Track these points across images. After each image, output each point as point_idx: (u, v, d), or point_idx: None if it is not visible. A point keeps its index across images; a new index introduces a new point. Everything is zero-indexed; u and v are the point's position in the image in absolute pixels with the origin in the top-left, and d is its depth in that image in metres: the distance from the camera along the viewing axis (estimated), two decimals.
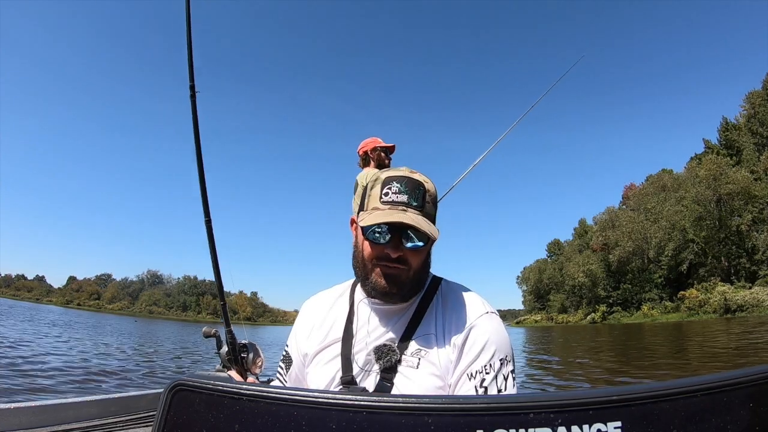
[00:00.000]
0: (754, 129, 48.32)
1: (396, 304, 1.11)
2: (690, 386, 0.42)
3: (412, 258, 1.07)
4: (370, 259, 1.09)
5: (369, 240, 1.08)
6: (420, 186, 1.09)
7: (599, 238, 59.44)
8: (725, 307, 38.30)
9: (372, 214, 1.06)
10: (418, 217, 1.05)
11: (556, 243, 79.41)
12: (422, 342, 1.06)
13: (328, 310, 1.22)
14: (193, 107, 1.48)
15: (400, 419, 0.45)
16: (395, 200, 1.06)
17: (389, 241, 1.05)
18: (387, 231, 1.05)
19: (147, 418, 1.89)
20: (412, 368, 1.03)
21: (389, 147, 3.58)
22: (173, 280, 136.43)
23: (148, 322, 62.48)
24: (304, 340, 1.21)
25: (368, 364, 1.07)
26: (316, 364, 1.15)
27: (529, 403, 0.43)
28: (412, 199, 1.06)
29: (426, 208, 1.08)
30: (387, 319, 1.12)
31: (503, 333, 1.06)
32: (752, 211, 43.89)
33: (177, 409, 0.49)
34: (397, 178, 1.09)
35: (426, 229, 1.03)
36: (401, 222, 1.02)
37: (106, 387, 6.94)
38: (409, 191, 1.07)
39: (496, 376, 0.99)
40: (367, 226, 1.06)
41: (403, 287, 1.07)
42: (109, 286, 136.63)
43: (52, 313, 48.02)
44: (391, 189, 1.07)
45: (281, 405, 0.47)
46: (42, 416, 1.69)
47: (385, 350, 1.05)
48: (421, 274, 1.10)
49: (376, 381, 1.04)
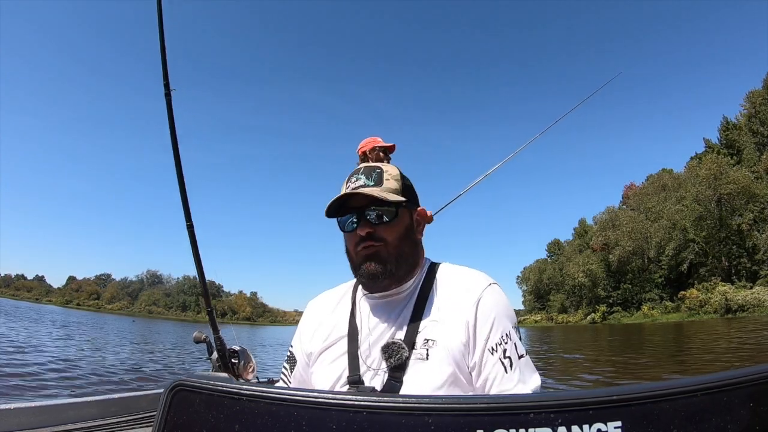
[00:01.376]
0: (754, 128, 48.27)
1: (391, 288, 1.12)
2: (690, 386, 0.42)
3: (386, 233, 1.09)
4: (353, 249, 1.12)
5: (345, 231, 1.14)
6: (376, 168, 1.14)
7: (599, 237, 59.32)
8: (726, 307, 38.22)
9: None
10: (374, 189, 1.09)
11: (556, 243, 79.31)
12: (429, 332, 1.05)
13: (332, 309, 1.22)
14: (168, 106, 1.46)
15: (400, 419, 0.45)
16: (353, 187, 1.11)
17: (357, 224, 1.09)
18: (353, 217, 1.10)
19: (147, 419, 1.88)
20: (422, 360, 1.02)
21: (389, 147, 3.46)
22: (173, 280, 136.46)
23: (146, 322, 62.43)
24: (308, 339, 1.21)
25: (376, 362, 1.06)
26: (321, 363, 1.15)
27: (529, 403, 0.43)
28: (368, 180, 1.11)
29: (386, 184, 1.11)
30: (389, 312, 1.12)
31: (507, 301, 1.09)
32: (753, 211, 43.82)
33: (177, 410, 0.49)
34: (354, 171, 1.15)
35: (377, 194, 1.07)
36: (346, 195, 1.09)
37: (107, 387, 6.94)
38: (365, 175, 1.12)
39: (516, 344, 1.02)
40: (340, 219, 1.13)
41: (386, 264, 1.09)
42: (108, 286, 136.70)
43: (52, 313, 48.06)
44: (350, 181, 1.13)
45: (281, 405, 0.47)
46: (42, 416, 1.69)
47: (394, 348, 1.03)
48: (404, 249, 1.12)
49: (384, 380, 1.03)
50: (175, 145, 1.33)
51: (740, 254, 44.78)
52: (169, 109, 1.39)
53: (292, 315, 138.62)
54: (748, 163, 46.87)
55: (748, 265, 43.84)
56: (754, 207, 43.88)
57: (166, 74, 1.50)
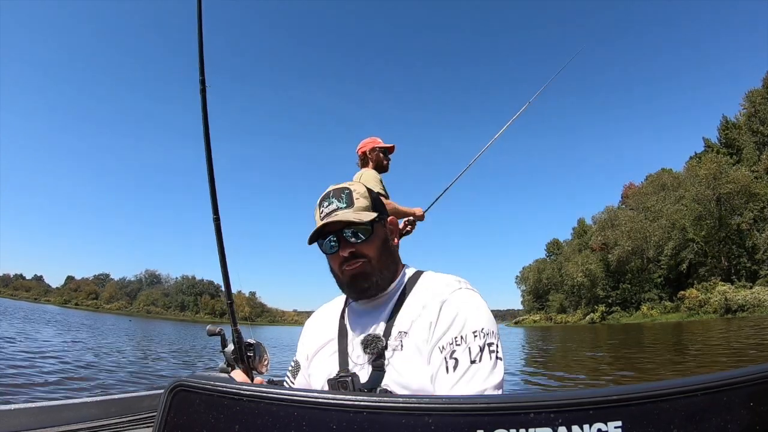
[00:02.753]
0: (754, 128, 48.26)
1: (376, 296, 1.20)
2: (690, 386, 0.42)
3: (366, 249, 1.18)
4: (337, 269, 1.21)
5: (327, 254, 1.22)
6: (344, 189, 1.23)
7: (598, 237, 59.35)
8: (726, 307, 38.14)
9: None
10: (347, 212, 1.18)
11: (555, 243, 79.37)
12: (402, 324, 1.12)
13: (328, 317, 1.32)
14: (203, 102, 1.47)
15: (400, 419, 0.45)
16: (327, 212, 1.20)
17: (338, 246, 1.18)
18: (334, 239, 1.19)
19: (148, 419, 1.88)
20: (398, 350, 1.08)
21: (389, 147, 3.52)
22: (171, 280, 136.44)
23: (144, 322, 62.35)
24: (307, 344, 1.32)
25: (360, 357, 1.13)
26: (316, 362, 1.24)
27: (529, 403, 0.43)
28: (340, 203, 1.20)
29: (357, 204, 1.20)
30: (373, 311, 1.20)
31: (477, 306, 1.07)
32: (753, 210, 43.79)
33: (177, 410, 0.49)
34: (324, 196, 1.24)
35: (351, 218, 1.16)
36: (324, 223, 1.17)
37: (107, 387, 6.93)
38: (335, 198, 1.22)
39: (470, 348, 0.99)
40: (320, 242, 1.21)
41: (371, 276, 1.18)
42: (107, 285, 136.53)
43: (49, 313, 48.02)
44: (323, 206, 1.22)
45: (281, 405, 0.47)
46: (42, 417, 1.69)
47: (370, 339, 1.11)
48: (385, 259, 1.21)
49: (368, 370, 1.10)
50: (207, 140, 1.36)
51: (740, 254, 44.74)
52: (203, 105, 1.40)
53: (290, 315, 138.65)
54: (748, 162, 46.86)
55: (748, 265, 43.80)
56: (753, 206, 43.85)
57: (203, 69, 1.51)
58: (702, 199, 45.96)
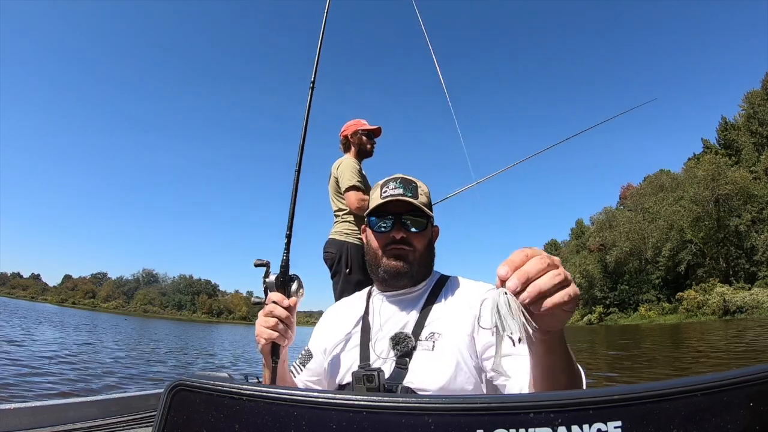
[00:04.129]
0: (753, 129, 48.32)
1: (407, 287, 1.24)
2: (690, 386, 0.42)
3: (415, 240, 1.22)
4: (380, 248, 1.23)
5: (375, 231, 1.24)
6: (412, 182, 1.27)
7: (596, 238, 59.35)
8: (724, 308, 38.08)
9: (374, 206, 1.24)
10: (413, 201, 1.21)
11: (553, 244, 79.40)
12: (435, 326, 1.14)
13: (349, 310, 1.36)
14: (309, 100, 1.50)
15: (400, 419, 0.45)
16: (392, 194, 1.22)
17: (392, 227, 1.21)
18: (390, 219, 1.22)
19: (147, 419, 1.88)
20: (428, 351, 1.10)
21: (373, 130, 3.30)
22: (168, 279, 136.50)
23: (141, 321, 62.13)
24: (325, 336, 1.34)
25: (385, 351, 1.15)
26: (336, 355, 1.26)
27: (529, 402, 0.43)
28: (407, 192, 1.23)
29: (420, 198, 1.24)
30: (400, 309, 1.23)
31: None
32: (751, 211, 43.78)
33: (177, 410, 0.49)
34: (392, 179, 1.27)
35: (418, 203, 1.20)
36: (397, 199, 1.20)
37: (107, 387, 6.91)
38: (403, 186, 1.24)
39: None
40: (374, 220, 1.24)
41: (411, 265, 1.21)
42: (104, 284, 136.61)
43: (47, 312, 47.89)
44: (388, 187, 1.25)
45: (281, 405, 0.47)
46: (42, 416, 1.69)
47: (401, 337, 1.13)
48: (425, 257, 1.26)
49: (392, 367, 1.11)
50: (304, 133, 1.41)
51: (738, 255, 44.73)
52: (309, 102, 1.47)
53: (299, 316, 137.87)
54: (747, 163, 46.91)
55: (747, 266, 43.80)
56: (752, 208, 43.84)
57: (316, 70, 1.56)
58: (700, 200, 45.94)
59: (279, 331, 1.12)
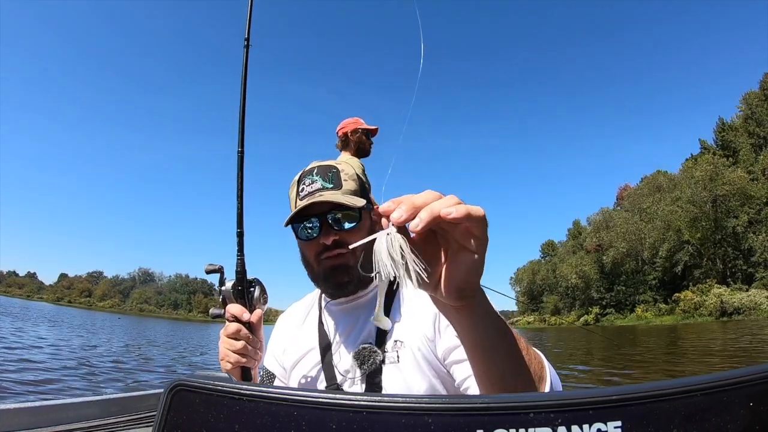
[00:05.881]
0: (750, 129, 48.57)
1: (356, 292, 1.09)
2: (689, 386, 0.42)
3: (351, 239, 1.01)
4: (313, 258, 1.07)
5: (303, 240, 1.07)
6: (331, 168, 1.08)
7: (593, 239, 59.50)
8: (721, 309, 38.21)
9: None
10: (335, 194, 1.03)
11: (550, 244, 79.44)
12: (397, 332, 1.02)
13: (302, 321, 1.21)
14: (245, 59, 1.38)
15: (400, 419, 0.44)
16: (310, 191, 1.06)
17: (320, 231, 1.03)
18: (314, 222, 1.04)
19: (147, 419, 1.87)
20: (394, 363, 1.00)
21: (371, 129, 3.25)
22: (165, 278, 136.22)
23: (136, 320, 61.93)
24: (281, 353, 1.20)
25: (351, 372, 1.03)
26: (296, 376, 1.14)
27: (529, 402, 0.43)
28: (326, 182, 1.05)
29: (345, 186, 1.06)
30: (356, 317, 1.09)
31: None
32: (749, 212, 43.94)
33: (177, 410, 0.49)
34: (306, 172, 1.09)
35: (341, 199, 1.01)
36: (313, 202, 1.01)
37: (107, 387, 6.90)
38: (321, 176, 1.06)
39: None
40: (296, 226, 1.06)
41: (351, 272, 1.04)
42: (100, 283, 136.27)
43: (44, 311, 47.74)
44: (305, 183, 1.07)
45: (281, 405, 0.47)
46: (42, 416, 1.68)
47: (365, 354, 1.01)
48: (368, 256, 1.08)
49: (362, 387, 1.01)
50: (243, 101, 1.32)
51: (735, 256, 44.88)
52: (245, 61, 1.35)
53: None
54: (744, 164, 47.07)
55: (744, 268, 43.94)
56: (749, 209, 44.01)
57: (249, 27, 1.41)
58: (698, 201, 46.10)
59: (248, 354, 1.03)
